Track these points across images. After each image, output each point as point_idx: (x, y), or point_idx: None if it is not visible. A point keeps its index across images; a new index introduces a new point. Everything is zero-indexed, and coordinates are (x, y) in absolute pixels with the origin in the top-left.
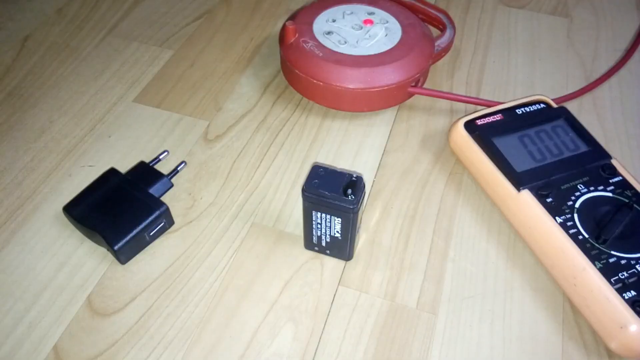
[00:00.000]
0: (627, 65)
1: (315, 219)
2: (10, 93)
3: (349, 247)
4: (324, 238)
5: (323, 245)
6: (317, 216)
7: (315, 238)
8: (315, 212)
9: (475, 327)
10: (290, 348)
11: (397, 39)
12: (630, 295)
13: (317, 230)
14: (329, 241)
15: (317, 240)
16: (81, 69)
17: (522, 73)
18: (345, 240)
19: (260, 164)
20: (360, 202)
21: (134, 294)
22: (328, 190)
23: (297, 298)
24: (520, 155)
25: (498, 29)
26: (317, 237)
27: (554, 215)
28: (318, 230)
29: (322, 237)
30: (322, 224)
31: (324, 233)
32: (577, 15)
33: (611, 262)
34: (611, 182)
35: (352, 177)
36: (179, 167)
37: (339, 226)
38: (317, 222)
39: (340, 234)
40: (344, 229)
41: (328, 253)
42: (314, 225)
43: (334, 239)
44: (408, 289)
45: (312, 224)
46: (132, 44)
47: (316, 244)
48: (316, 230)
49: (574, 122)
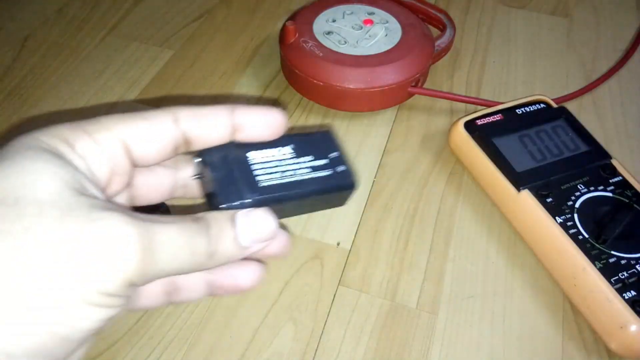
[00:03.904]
0: (627, 65)
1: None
2: (11, 93)
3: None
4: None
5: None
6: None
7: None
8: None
9: (475, 327)
10: (290, 348)
11: (397, 39)
12: (630, 295)
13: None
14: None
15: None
16: (81, 69)
17: (522, 73)
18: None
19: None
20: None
21: None
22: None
23: (297, 298)
24: (520, 155)
25: (498, 29)
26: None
27: (554, 215)
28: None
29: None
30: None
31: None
32: (577, 15)
33: (611, 262)
34: (611, 182)
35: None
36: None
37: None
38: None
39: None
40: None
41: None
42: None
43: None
44: (408, 289)
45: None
46: (132, 44)
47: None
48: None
49: (574, 122)
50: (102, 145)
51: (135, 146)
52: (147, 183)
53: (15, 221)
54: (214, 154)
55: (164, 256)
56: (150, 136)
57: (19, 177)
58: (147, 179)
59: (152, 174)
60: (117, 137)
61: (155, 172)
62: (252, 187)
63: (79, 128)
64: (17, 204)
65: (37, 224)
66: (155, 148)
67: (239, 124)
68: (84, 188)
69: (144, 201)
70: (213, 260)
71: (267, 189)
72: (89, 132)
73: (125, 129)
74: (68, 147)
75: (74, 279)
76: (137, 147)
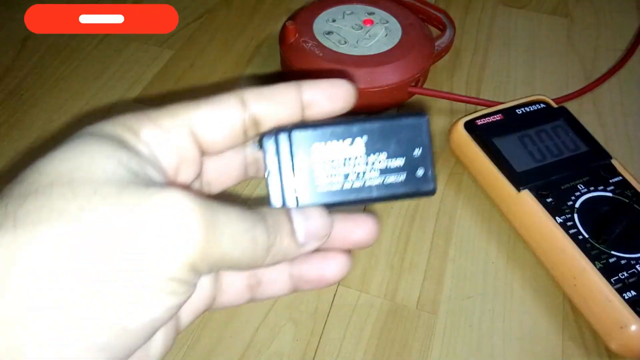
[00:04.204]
0: (627, 65)
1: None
2: (11, 93)
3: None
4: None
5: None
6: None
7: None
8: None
9: (475, 327)
10: (290, 348)
11: (397, 39)
12: (630, 295)
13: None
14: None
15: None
16: (81, 69)
17: (522, 73)
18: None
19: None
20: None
21: None
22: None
23: (297, 298)
24: (520, 155)
25: (498, 29)
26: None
27: (554, 215)
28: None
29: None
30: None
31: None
32: (577, 15)
33: (611, 262)
34: (611, 182)
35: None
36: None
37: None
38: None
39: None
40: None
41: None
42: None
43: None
44: (408, 289)
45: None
46: (132, 44)
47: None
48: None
49: (574, 122)
50: (168, 133)
51: (203, 132)
52: (218, 167)
53: (70, 200)
54: (275, 141)
55: (227, 239)
56: (217, 120)
57: (75, 159)
58: (217, 163)
59: (220, 157)
60: (183, 124)
61: (224, 154)
62: (309, 190)
63: (143, 116)
64: (71, 183)
65: (92, 203)
66: (223, 133)
67: (307, 100)
68: (144, 170)
69: (217, 188)
70: (270, 255)
71: (326, 195)
72: (154, 119)
73: (191, 115)
74: (132, 134)
75: (132, 261)
76: (205, 133)
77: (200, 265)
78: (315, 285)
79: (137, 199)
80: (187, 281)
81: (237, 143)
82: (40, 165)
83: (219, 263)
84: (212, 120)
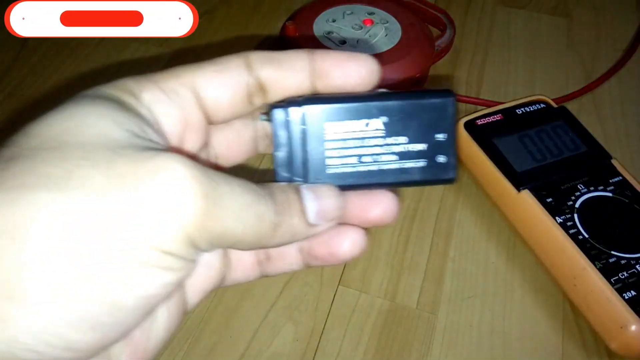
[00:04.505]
0: (627, 65)
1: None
2: (11, 93)
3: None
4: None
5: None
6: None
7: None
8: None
9: (475, 327)
10: (290, 348)
11: (397, 39)
12: (630, 295)
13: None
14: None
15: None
16: (81, 69)
17: (522, 73)
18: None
19: (259, 164)
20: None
21: None
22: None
23: (297, 298)
24: (520, 155)
25: (498, 29)
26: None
27: (554, 215)
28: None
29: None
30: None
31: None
32: (577, 15)
33: (611, 262)
34: (611, 182)
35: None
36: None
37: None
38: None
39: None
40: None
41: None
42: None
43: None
44: (408, 289)
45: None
46: (132, 44)
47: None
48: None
49: (574, 122)
50: (171, 95)
51: (206, 95)
52: (227, 140)
53: (57, 165)
54: (285, 114)
55: (228, 213)
56: (221, 82)
57: (66, 121)
58: (226, 136)
59: (229, 129)
60: (186, 86)
61: (233, 126)
62: (319, 170)
63: (143, 78)
64: (60, 147)
65: (81, 168)
66: (227, 96)
67: (320, 69)
68: (143, 132)
69: (226, 162)
70: (277, 234)
71: (337, 177)
72: (155, 81)
73: (194, 76)
74: (132, 96)
75: (123, 231)
76: (209, 96)
77: (198, 239)
78: (326, 262)
79: (131, 164)
80: (184, 256)
81: (242, 110)
82: (29, 129)
83: (220, 239)
84: (216, 81)
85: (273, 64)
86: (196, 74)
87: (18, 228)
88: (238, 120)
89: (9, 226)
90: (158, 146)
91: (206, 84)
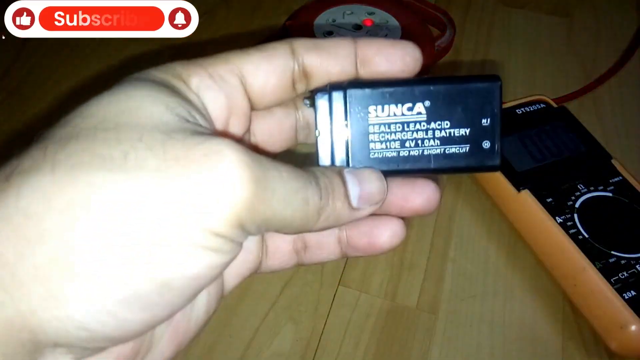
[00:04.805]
0: (627, 65)
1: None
2: (11, 93)
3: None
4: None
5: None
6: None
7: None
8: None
9: (475, 327)
10: (290, 348)
11: (397, 39)
12: (630, 295)
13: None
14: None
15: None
16: (81, 69)
17: (522, 73)
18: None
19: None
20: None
21: None
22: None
23: (297, 298)
24: (520, 155)
25: (498, 29)
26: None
27: (554, 215)
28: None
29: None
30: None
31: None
32: (577, 15)
33: (611, 262)
34: (611, 182)
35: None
36: None
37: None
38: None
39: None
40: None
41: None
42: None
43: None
44: (408, 289)
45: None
46: (132, 44)
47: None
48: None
49: (574, 122)
50: (218, 81)
51: (252, 81)
52: (268, 128)
53: (113, 146)
54: (328, 99)
55: (277, 197)
56: (268, 68)
57: (121, 103)
58: (267, 124)
59: (270, 117)
60: (233, 72)
61: (274, 115)
62: (361, 155)
63: (192, 63)
64: (116, 128)
65: (137, 150)
66: (273, 83)
67: (364, 55)
68: (192, 117)
69: (268, 149)
70: (321, 218)
71: (379, 162)
72: (204, 66)
73: (241, 62)
74: (181, 81)
75: (176, 213)
76: (255, 82)
77: (248, 223)
78: (365, 252)
79: (183, 148)
80: (233, 239)
81: (285, 96)
82: (84, 109)
83: (268, 223)
84: (263, 67)
85: (318, 50)
86: (243, 59)
87: (76, 207)
88: (280, 109)
89: (67, 204)
90: (207, 131)
91: (253, 70)
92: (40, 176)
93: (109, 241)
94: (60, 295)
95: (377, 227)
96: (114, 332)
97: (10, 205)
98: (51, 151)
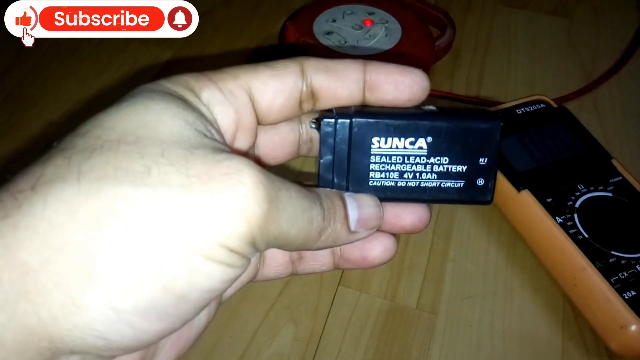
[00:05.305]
0: (627, 65)
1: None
2: (11, 93)
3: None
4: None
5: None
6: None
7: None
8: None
9: (475, 327)
10: (290, 348)
11: (397, 39)
12: (630, 295)
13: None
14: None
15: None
16: (81, 69)
17: (522, 73)
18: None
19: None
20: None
21: None
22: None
23: (297, 298)
24: (520, 155)
25: (498, 29)
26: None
27: (554, 215)
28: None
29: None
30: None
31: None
32: (577, 15)
33: (611, 262)
34: (611, 182)
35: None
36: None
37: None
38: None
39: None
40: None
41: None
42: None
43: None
44: (408, 289)
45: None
46: (132, 44)
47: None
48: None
49: (574, 122)
50: (228, 95)
51: (260, 98)
52: (272, 141)
53: (136, 160)
54: (334, 125)
55: (286, 216)
56: (276, 86)
57: (141, 115)
58: (271, 137)
59: (275, 131)
60: (243, 87)
61: (279, 129)
62: (359, 181)
63: (203, 76)
64: (138, 142)
65: (160, 165)
66: (280, 101)
67: (371, 81)
68: (209, 132)
69: (270, 162)
70: (321, 238)
71: (377, 190)
72: (215, 80)
73: (251, 78)
74: (193, 95)
75: (195, 228)
76: (263, 99)
77: (259, 240)
78: (358, 265)
79: (205, 165)
80: (245, 255)
81: (291, 114)
82: (103, 120)
83: (276, 240)
84: (272, 85)
85: (327, 72)
86: (253, 76)
87: (100, 219)
88: (284, 123)
89: (92, 216)
90: (224, 147)
91: (262, 87)
92: (67, 187)
93: (130, 253)
94: (81, 303)
95: (369, 242)
96: (130, 342)
97: (37, 215)
98: (75, 162)
